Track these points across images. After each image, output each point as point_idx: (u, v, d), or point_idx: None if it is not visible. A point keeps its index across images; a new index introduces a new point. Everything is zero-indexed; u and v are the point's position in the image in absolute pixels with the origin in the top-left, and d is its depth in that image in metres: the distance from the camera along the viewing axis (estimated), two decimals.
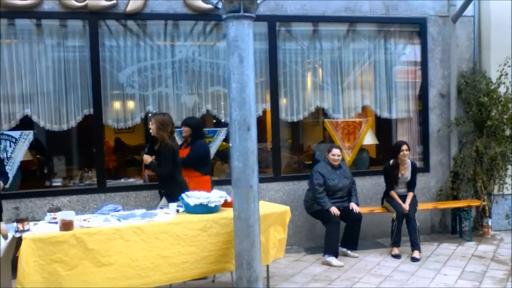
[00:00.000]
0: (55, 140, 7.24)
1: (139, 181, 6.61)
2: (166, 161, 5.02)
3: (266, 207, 4.76)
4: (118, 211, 4.58)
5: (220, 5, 3.62)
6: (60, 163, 7.30)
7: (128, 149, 10.16)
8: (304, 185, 6.54)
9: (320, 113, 7.70)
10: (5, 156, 5.81)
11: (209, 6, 6.03)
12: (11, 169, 5.85)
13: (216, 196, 4.49)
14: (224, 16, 3.60)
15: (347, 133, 7.07)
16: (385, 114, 7.19)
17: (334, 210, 5.93)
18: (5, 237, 3.62)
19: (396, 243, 6.16)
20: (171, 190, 5.04)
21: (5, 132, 5.87)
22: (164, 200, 5.20)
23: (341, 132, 7.04)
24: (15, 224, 3.92)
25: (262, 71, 6.64)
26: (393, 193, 6.32)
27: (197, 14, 6.27)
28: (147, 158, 5.18)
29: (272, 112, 6.68)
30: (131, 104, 6.37)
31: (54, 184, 6.60)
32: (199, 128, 5.77)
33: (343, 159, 6.32)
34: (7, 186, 5.70)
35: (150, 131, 5.20)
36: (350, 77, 7.05)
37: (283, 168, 7.08)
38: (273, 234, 4.69)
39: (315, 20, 6.79)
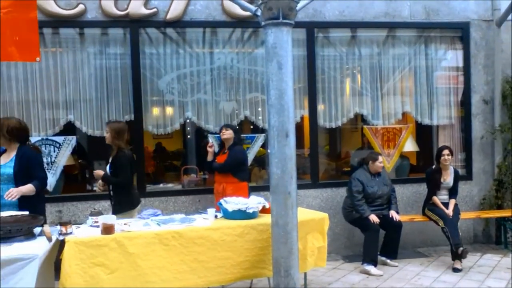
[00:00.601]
0: (95, 145, 7.40)
1: (178, 186, 6.70)
2: (124, 169, 4.83)
3: (304, 214, 4.73)
4: (157, 215, 4.63)
5: (259, 12, 3.64)
6: (101, 168, 7.45)
7: (167, 154, 10.32)
8: (342, 192, 6.47)
9: (359, 119, 7.63)
10: (49, 160, 5.99)
11: (247, 13, 6.04)
12: (55, 174, 6.03)
13: (254, 202, 4.49)
14: (263, 23, 3.61)
15: (386, 140, 6.97)
16: (426, 121, 7.05)
17: (373, 217, 5.84)
18: (49, 239, 3.70)
19: (457, 244, 5.81)
20: (122, 199, 4.90)
21: (49, 137, 6.05)
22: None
23: (381, 138, 6.95)
24: (58, 227, 4.01)
25: (300, 77, 6.63)
26: (436, 199, 6.19)
27: (236, 21, 6.32)
28: (99, 172, 4.97)
29: (310, 119, 6.65)
30: (170, 111, 6.46)
31: (95, 188, 6.76)
32: (238, 132, 5.80)
33: (382, 166, 6.24)
34: (51, 189, 5.89)
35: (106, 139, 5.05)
36: (389, 83, 6.95)
37: (321, 174, 7.03)
38: (311, 241, 4.65)
39: (354, 26, 6.73)
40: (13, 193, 4.02)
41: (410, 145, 7.14)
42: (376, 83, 6.90)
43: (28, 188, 4.13)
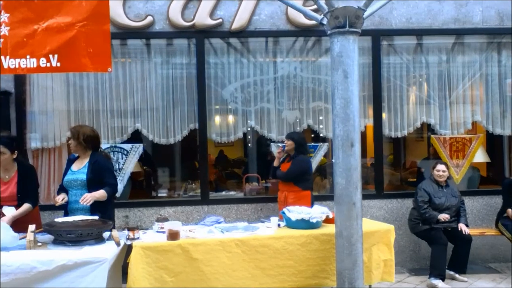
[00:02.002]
0: (160, 153, 7.61)
1: (240, 194, 6.74)
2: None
3: (369, 225, 4.63)
4: (220, 223, 4.69)
5: (325, 21, 3.62)
6: (165, 175, 7.66)
7: (228, 162, 10.43)
8: (408, 203, 6.29)
9: (425, 128, 7.40)
10: (117, 167, 6.20)
11: (311, 22, 6.06)
12: (122, 180, 6.23)
13: (318, 212, 4.44)
14: (329, 32, 3.59)
15: (455, 150, 6.71)
16: (497, 130, 6.74)
17: (444, 216, 5.65)
18: (118, 244, 3.82)
19: None
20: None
21: (117, 145, 6.27)
22: None
23: (449, 148, 6.70)
24: (126, 232, 4.14)
25: (365, 86, 6.52)
26: (510, 211, 5.88)
27: (300, 30, 6.30)
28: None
29: (375, 128, 6.52)
30: (234, 119, 6.54)
31: (159, 194, 6.95)
32: (302, 142, 5.74)
33: (450, 177, 6.01)
34: (118, 195, 6.09)
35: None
36: (458, 91, 6.70)
37: (385, 185, 6.87)
38: (377, 253, 4.54)
39: (422, 33, 6.54)
40: (88, 198, 4.18)
41: (480, 156, 6.84)
42: (443, 92, 6.68)
43: (100, 194, 4.28)
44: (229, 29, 6.17)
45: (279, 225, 4.51)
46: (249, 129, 6.56)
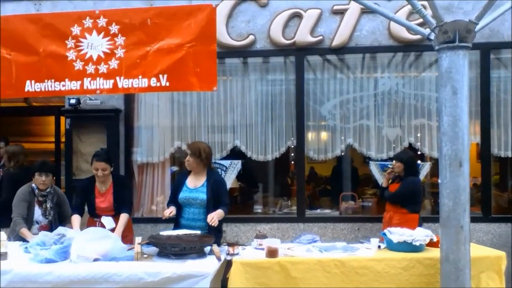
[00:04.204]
0: (254, 169, 7.68)
1: (335, 213, 6.65)
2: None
3: (476, 250, 4.35)
4: (316, 241, 4.63)
5: (432, 36, 3.50)
6: (258, 191, 7.72)
7: (319, 179, 10.30)
8: None
9: None
10: None
11: (415, 37, 5.88)
12: None
13: (421, 234, 4.25)
14: (437, 47, 3.46)
15: None
16: None
17: None
18: (219, 259, 3.90)
19: None
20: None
21: (217, 161, 6.43)
22: None
23: None
24: (226, 247, 4.22)
25: (472, 101, 6.16)
26: None
27: (402, 46, 6.14)
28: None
29: (483, 146, 6.16)
30: (331, 136, 6.46)
31: (255, 211, 7.01)
32: (412, 163, 5.52)
33: None
34: None
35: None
36: None
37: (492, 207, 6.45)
38: (486, 281, 4.24)
39: None
40: (215, 219, 4.26)
41: None
42: None
43: (220, 214, 4.38)
44: (330, 46, 6.15)
45: (379, 246, 4.38)
46: (348, 146, 6.47)
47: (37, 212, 4.73)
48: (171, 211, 4.43)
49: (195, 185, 4.55)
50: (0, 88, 4.65)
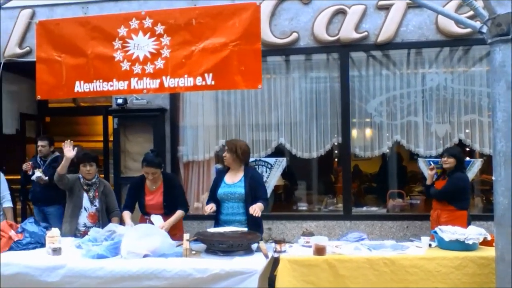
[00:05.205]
0: (297, 166, 7.65)
1: (382, 210, 6.54)
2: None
3: None
4: (363, 239, 4.56)
5: (484, 29, 3.38)
6: (302, 188, 7.69)
7: (364, 176, 10.15)
8: None
9: None
10: None
11: (464, 30, 5.72)
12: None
13: (474, 233, 4.12)
14: (489, 41, 3.35)
15: None
16: None
17: None
18: (266, 256, 3.89)
19: None
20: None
21: (262, 159, 6.45)
22: None
23: None
24: (273, 244, 4.21)
25: None
26: None
27: (450, 40, 5.99)
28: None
29: None
30: (378, 133, 6.36)
31: (300, 208, 6.99)
32: (462, 159, 5.41)
33: None
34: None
35: None
36: None
37: None
38: None
39: None
40: (257, 210, 4.27)
41: None
42: None
43: (261, 207, 4.38)
44: (375, 42, 6.07)
45: (430, 245, 4.28)
46: (393, 143, 6.36)
47: (85, 199, 4.91)
48: (211, 206, 4.46)
49: (233, 180, 4.59)
50: (52, 89, 4.82)
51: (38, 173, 6.02)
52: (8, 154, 7.49)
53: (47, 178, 6.01)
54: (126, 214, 4.78)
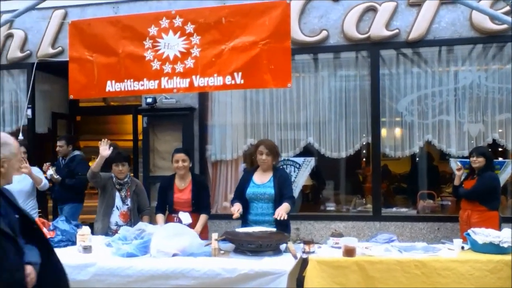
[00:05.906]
0: (325, 166, 7.59)
1: (412, 212, 6.43)
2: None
3: None
4: (393, 241, 4.48)
5: None
6: (330, 188, 7.62)
7: (393, 176, 10.00)
8: None
9: None
10: None
11: (499, 27, 5.55)
12: (294, 193, 6.31)
13: (509, 235, 4.02)
14: None
15: None
16: None
17: None
18: (295, 257, 3.86)
19: None
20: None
21: (290, 158, 6.41)
22: None
23: None
24: (301, 245, 4.17)
25: None
26: None
27: (485, 37, 5.83)
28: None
29: None
30: (409, 133, 6.23)
31: (328, 208, 6.92)
32: (492, 158, 5.32)
33: None
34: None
35: None
36: None
37: None
38: None
39: None
40: (283, 214, 4.23)
41: None
42: None
43: (288, 208, 4.36)
44: (406, 40, 5.96)
45: (462, 247, 4.18)
46: (426, 143, 6.24)
47: (118, 198, 4.96)
48: (238, 208, 4.42)
49: (262, 180, 4.57)
50: (84, 89, 4.88)
51: (50, 172, 6.13)
52: (41, 153, 7.63)
53: (58, 177, 6.18)
54: (160, 217, 4.85)
